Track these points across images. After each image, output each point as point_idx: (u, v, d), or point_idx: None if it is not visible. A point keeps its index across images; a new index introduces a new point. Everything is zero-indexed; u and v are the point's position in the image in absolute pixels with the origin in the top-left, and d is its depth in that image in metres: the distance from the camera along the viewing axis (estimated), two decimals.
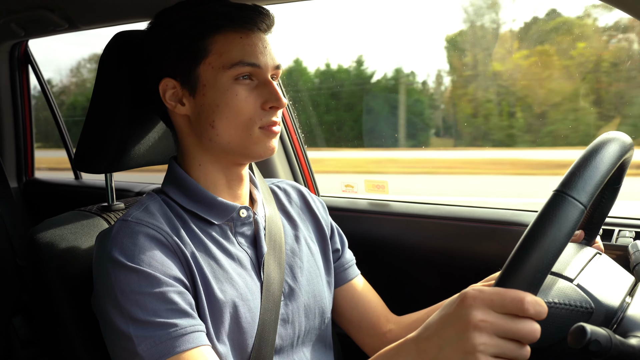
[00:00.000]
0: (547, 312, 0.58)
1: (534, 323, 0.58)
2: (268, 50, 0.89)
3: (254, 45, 0.87)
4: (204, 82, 0.87)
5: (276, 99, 0.87)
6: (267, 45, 0.89)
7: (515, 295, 0.57)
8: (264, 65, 0.87)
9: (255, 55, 0.86)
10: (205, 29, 0.86)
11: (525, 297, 0.57)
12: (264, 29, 0.89)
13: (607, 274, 0.77)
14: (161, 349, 0.76)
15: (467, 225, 1.38)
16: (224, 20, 0.86)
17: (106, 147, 1.01)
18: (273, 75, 0.90)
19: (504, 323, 0.57)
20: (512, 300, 0.57)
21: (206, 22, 0.86)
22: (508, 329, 0.57)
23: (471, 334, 0.57)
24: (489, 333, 0.57)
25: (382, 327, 1.09)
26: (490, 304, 0.57)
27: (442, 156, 4.20)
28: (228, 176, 0.93)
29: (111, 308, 0.79)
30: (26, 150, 2.29)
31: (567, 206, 0.60)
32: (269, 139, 0.89)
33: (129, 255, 0.80)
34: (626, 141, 0.70)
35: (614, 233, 1.19)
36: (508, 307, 0.57)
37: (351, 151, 4.07)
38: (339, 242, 1.11)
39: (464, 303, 0.58)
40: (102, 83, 1.00)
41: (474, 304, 0.58)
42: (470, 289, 0.60)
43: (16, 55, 2.16)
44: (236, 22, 0.86)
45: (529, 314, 0.57)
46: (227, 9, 0.86)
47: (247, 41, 0.87)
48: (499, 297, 0.57)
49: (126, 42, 0.99)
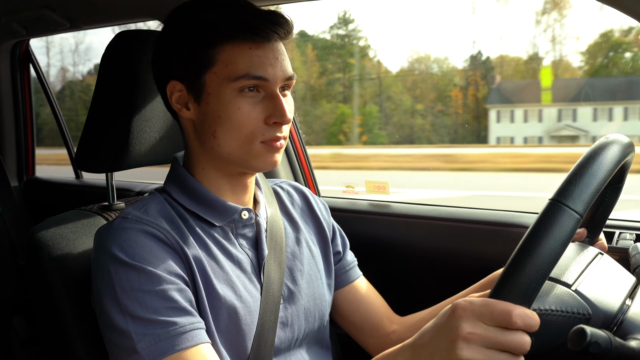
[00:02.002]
0: (538, 324, 0.58)
1: (523, 335, 0.58)
2: (279, 61, 0.84)
3: (263, 57, 0.82)
4: (208, 91, 0.84)
5: (281, 114, 0.83)
6: (279, 55, 0.84)
7: (504, 307, 0.57)
8: (272, 77, 0.83)
9: (264, 68, 0.82)
10: (214, 37, 0.82)
11: (513, 310, 0.57)
12: (277, 38, 0.84)
13: (607, 276, 0.76)
14: (161, 347, 0.76)
15: (467, 226, 1.38)
16: (234, 30, 0.82)
17: (107, 146, 1.01)
18: (285, 85, 0.87)
19: (493, 335, 0.57)
20: (500, 313, 0.57)
21: (216, 29, 0.82)
22: (496, 342, 0.57)
23: (459, 345, 0.58)
24: (477, 345, 0.57)
25: (386, 328, 1.09)
26: (480, 316, 0.58)
27: None
28: (232, 182, 0.92)
29: (110, 305, 0.79)
30: (27, 149, 2.29)
31: (563, 216, 0.60)
32: (271, 154, 0.86)
33: (129, 252, 0.80)
34: (625, 144, 0.69)
35: (614, 235, 1.19)
36: (497, 319, 0.58)
37: None
38: (340, 244, 1.11)
39: (454, 314, 0.59)
40: (103, 82, 1.00)
41: (463, 315, 0.59)
42: (461, 300, 0.60)
43: (17, 55, 2.16)
44: (247, 32, 0.82)
45: (517, 326, 0.57)
46: (239, 17, 0.82)
47: (256, 52, 0.82)
48: (488, 309, 0.58)
49: (128, 42, 0.99)
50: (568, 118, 16.73)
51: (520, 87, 19.82)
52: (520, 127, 17.68)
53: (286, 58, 0.86)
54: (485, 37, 30.95)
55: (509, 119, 17.86)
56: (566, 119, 16.78)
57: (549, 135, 17.53)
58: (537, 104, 17.63)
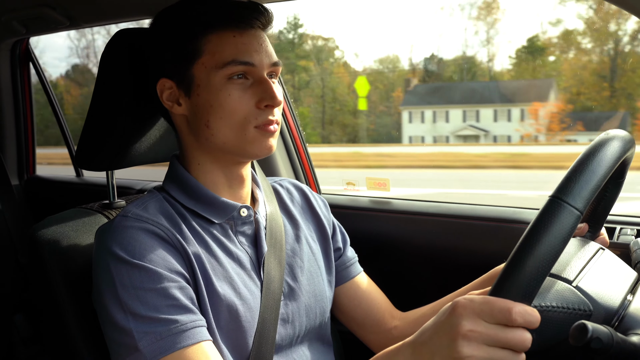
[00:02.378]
0: (538, 321, 0.58)
1: (524, 332, 0.58)
2: (264, 47, 0.87)
3: (248, 44, 0.85)
4: (198, 83, 0.86)
5: (271, 97, 0.85)
6: (263, 42, 0.87)
7: (504, 305, 0.58)
8: (259, 63, 0.86)
9: (250, 54, 0.85)
10: (198, 29, 0.85)
11: (513, 307, 0.57)
12: (260, 26, 0.88)
13: (608, 271, 0.76)
14: (162, 345, 0.76)
15: (468, 222, 1.38)
16: (217, 20, 0.85)
17: (108, 144, 1.01)
18: (271, 72, 0.89)
19: (493, 333, 0.58)
20: (500, 310, 0.57)
21: (200, 22, 0.85)
22: (497, 339, 0.58)
23: (460, 343, 0.58)
24: (477, 343, 0.57)
25: (387, 323, 1.09)
26: (480, 314, 0.58)
27: None
28: (228, 175, 0.93)
29: (112, 303, 0.79)
30: (27, 147, 2.29)
31: (563, 213, 0.59)
32: (265, 138, 0.87)
33: (130, 250, 0.80)
34: (626, 139, 0.69)
35: (615, 231, 1.19)
36: (497, 317, 0.58)
37: None
38: (340, 240, 1.11)
39: (455, 312, 0.59)
40: (103, 80, 1.00)
41: (463, 313, 0.59)
42: (461, 298, 0.60)
43: (17, 53, 2.16)
44: (230, 21, 0.85)
45: (517, 323, 0.57)
46: (221, 8, 0.85)
47: (240, 40, 0.85)
48: (488, 306, 0.58)
49: (128, 40, 0.99)
50: (472, 119, 19.04)
51: (432, 89, 22.00)
52: (430, 128, 19.89)
53: (269, 45, 0.89)
54: (425, 41, 33.33)
55: (419, 119, 19.96)
56: (470, 119, 19.09)
57: (454, 134, 19.50)
58: (445, 106, 19.93)
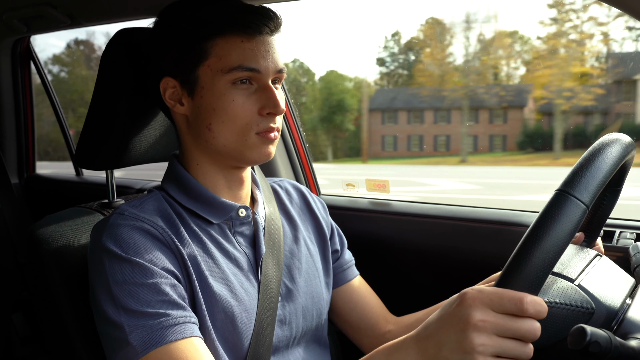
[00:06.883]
0: (547, 311, 0.58)
1: (534, 322, 0.58)
2: (271, 54, 0.87)
3: (255, 50, 0.85)
4: (202, 85, 0.86)
5: (274, 105, 0.85)
6: (270, 48, 0.87)
7: (514, 295, 0.57)
8: (264, 69, 0.85)
9: (256, 60, 0.85)
10: (207, 32, 0.84)
11: (524, 297, 0.57)
12: (268, 32, 0.87)
13: (607, 275, 0.77)
14: (152, 338, 0.76)
15: (468, 225, 1.38)
16: (226, 24, 0.84)
17: (107, 143, 1.01)
18: (276, 79, 0.89)
19: (503, 322, 0.57)
20: (510, 300, 0.57)
21: (209, 24, 0.84)
22: (507, 329, 0.57)
23: (470, 333, 0.57)
24: (488, 333, 0.57)
25: (381, 327, 1.08)
26: (490, 304, 0.58)
27: None
28: (227, 177, 0.93)
29: (104, 298, 0.79)
30: (27, 146, 2.30)
31: (570, 206, 0.60)
32: (265, 145, 0.87)
33: (124, 247, 0.80)
34: (628, 142, 0.70)
35: (614, 234, 1.19)
36: (507, 307, 0.57)
37: None
38: (338, 242, 1.11)
39: (464, 303, 0.59)
40: (103, 79, 1.00)
41: (473, 304, 0.58)
42: (470, 289, 0.60)
43: (18, 51, 2.16)
44: (239, 26, 0.84)
45: (528, 313, 0.57)
46: (231, 11, 0.85)
47: (248, 45, 0.85)
48: (498, 296, 0.58)
49: (128, 39, 0.99)
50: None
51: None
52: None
53: (277, 52, 0.89)
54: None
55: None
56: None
57: None
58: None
